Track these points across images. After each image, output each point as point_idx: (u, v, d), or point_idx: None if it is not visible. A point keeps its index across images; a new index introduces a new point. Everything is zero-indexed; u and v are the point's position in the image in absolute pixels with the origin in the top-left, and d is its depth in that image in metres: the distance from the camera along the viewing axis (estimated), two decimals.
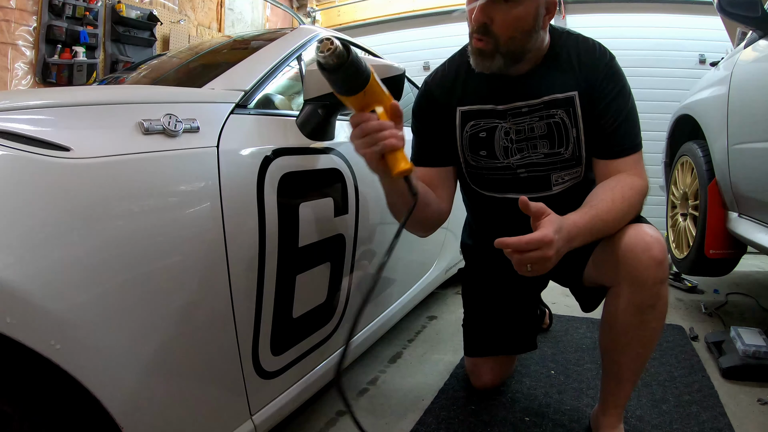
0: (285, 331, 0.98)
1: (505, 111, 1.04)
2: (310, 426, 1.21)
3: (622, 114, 1.00)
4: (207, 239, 0.77)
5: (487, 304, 1.31)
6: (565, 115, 1.02)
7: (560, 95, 1.01)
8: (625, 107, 1.01)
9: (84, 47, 2.63)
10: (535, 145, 1.05)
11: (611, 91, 1.00)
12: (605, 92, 1.00)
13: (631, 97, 1.03)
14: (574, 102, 1.01)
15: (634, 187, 0.97)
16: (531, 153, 1.06)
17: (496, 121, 1.05)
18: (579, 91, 1.01)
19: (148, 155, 0.70)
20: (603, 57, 1.02)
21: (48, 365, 0.55)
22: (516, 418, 1.21)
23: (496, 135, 1.06)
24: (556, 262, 0.83)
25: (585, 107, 1.01)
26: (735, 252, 1.92)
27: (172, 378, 0.72)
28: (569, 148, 1.04)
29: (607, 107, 1.00)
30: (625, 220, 0.95)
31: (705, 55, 3.56)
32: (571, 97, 1.01)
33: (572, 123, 1.02)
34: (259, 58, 1.11)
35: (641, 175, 1.00)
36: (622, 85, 1.02)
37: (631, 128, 1.01)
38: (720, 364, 1.45)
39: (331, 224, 1.09)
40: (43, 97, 0.68)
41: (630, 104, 1.02)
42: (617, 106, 1.00)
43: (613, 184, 0.97)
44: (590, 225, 0.89)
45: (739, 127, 1.66)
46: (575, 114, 1.01)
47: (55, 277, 0.56)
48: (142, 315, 0.67)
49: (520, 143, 1.05)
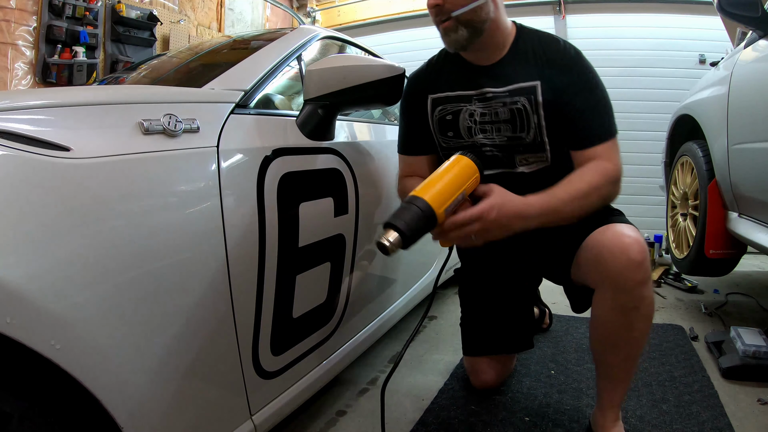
0: (285, 331, 0.98)
1: (471, 96, 1.12)
2: (310, 426, 1.21)
3: (590, 105, 1.04)
4: (207, 239, 0.77)
5: (483, 302, 1.32)
6: (527, 102, 1.07)
7: (524, 84, 1.07)
8: (592, 98, 1.04)
9: (84, 47, 2.63)
10: (498, 128, 1.11)
11: (577, 84, 1.04)
12: (571, 85, 1.04)
13: (599, 89, 1.06)
14: (536, 91, 1.06)
15: (601, 171, 1.00)
16: (495, 135, 1.12)
17: (461, 104, 1.13)
18: (541, 80, 1.06)
19: (148, 155, 0.70)
20: (567, 51, 1.07)
21: (48, 365, 0.56)
22: (516, 418, 1.21)
23: (460, 116, 1.14)
24: (506, 233, 0.91)
25: (546, 96, 1.06)
26: (735, 252, 1.92)
27: (172, 378, 0.72)
28: (530, 133, 1.09)
29: (574, 99, 1.04)
30: (593, 203, 0.97)
31: (705, 55, 3.56)
32: (534, 86, 1.06)
33: (533, 110, 1.07)
34: (259, 58, 1.11)
35: (613, 161, 1.02)
36: (589, 77, 1.06)
37: (600, 118, 1.04)
38: (720, 364, 1.45)
39: (331, 224, 1.09)
40: (43, 97, 0.68)
41: (598, 95, 1.05)
42: (584, 98, 1.04)
43: (582, 170, 1.02)
44: (546, 203, 0.93)
45: (739, 127, 1.66)
46: (536, 102, 1.06)
47: (55, 277, 0.56)
48: (142, 315, 0.67)
49: (483, 125, 1.12)
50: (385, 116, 1.82)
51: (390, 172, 1.40)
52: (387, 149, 1.42)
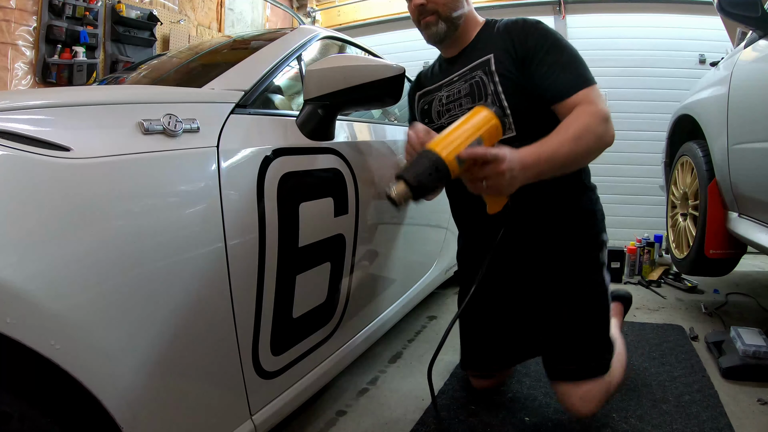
0: (285, 331, 0.98)
1: (441, 85, 1.22)
2: (310, 426, 1.21)
3: (560, 61, 1.06)
4: (207, 239, 0.77)
5: (481, 318, 1.30)
6: (482, 74, 1.13)
7: (479, 60, 1.14)
8: (561, 55, 1.07)
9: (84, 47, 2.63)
10: (460, 103, 1.17)
11: (541, 45, 1.08)
12: (534, 48, 1.08)
13: (565, 48, 1.08)
14: (489, 62, 1.12)
15: (588, 112, 1.01)
16: (457, 111, 1.17)
17: (434, 94, 1.24)
18: (495, 53, 1.12)
19: (148, 155, 0.70)
20: (525, 22, 1.13)
21: (48, 365, 0.56)
22: (516, 418, 1.21)
23: (433, 104, 1.24)
24: (511, 187, 0.90)
25: (501, 64, 1.11)
26: (735, 252, 1.92)
27: (172, 378, 0.72)
28: (488, 100, 1.12)
29: (543, 59, 1.07)
30: (588, 144, 0.97)
31: (705, 55, 3.56)
32: (487, 59, 1.13)
33: (489, 79, 1.12)
34: (259, 58, 1.11)
35: (595, 103, 1.02)
36: (551, 39, 1.09)
37: (575, 70, 1.06)
38: (720, 364, 1.45)
39: (331, 224, 1.09)
40: (43, 97, 0.68)
41: (566, 53, 1.08)
42: (553, 56, 1.07)
43: (567, 117, 1.02)
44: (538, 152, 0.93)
45: (739, 127, 1.66)
46: (490, 71, 1.11)
47: (55, 277, 0.56)
48: (142, 315, 0.67)
49: (448, 104, 1.20)
50: (385, 116, 1.82)
51: (390, 172, 1.40)
52: (387, 149, 1.42)
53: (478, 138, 0.87)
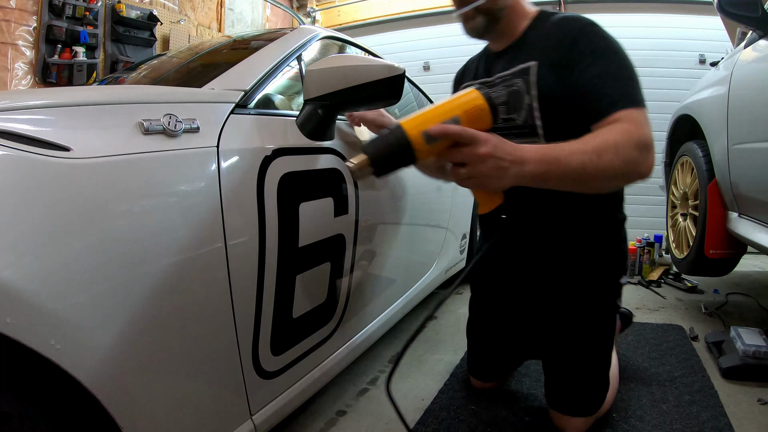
0: (285, 331, 0.98)
1: (483, 84, 1.12)
2: (310, 426, 1.21)
3: (607, 73, 0.92)
4: (207, 239, 0.77)
5: (491, 329, 1.28)
6: (521, 83, 1.02)
7: (522, 65, 1.03)
8: (609, 66, 0.93)
9: (84, 47, 2.63)
10: (500, 110, 1.06)
11: (586, 53, 0.94)
12: (579, 56, 0.95)
13: (617, 58, 0.94)
14: (529, 71, 1.01)
15: (621, 130, 0.86)
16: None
17: None
18: (539, 61, 1.00)
19: (148, 155, 0.70)
20: (575, 23, 0.98)
21: (48, 365, 0.56)
22: (516, 418, 1.21)
23: None
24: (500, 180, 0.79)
25: (542, 76, 0.99)
26: (735, 252, 1.92)
27: (171, 378, 0.72)
28: (522, 114, 1.03)
29: (585, 71, 0.94)
30: (610, 162, 0.82)
31: (705, 55, 3.56)
32: (528, 67, 1.01)
33: (526, 90, 1.01)
34: (259, 58, 1.11)
35: (638, 126, 0.87)
36: (601, 44, 0.95)
37: (622, 86, 0.92)
38: (720, 364, 1.45)
39: (331, 224, 1.09)
40: (43, 97, 0.68)
41: (617, 64, 0.93)
42: (598, 69, 0.93)
43: (601, 129, 0.89)
44: (545, 151, 0.82)
45: (739, 127, 1.66)
46: (529, 82, 1.01)
47: (55, 277, 0.56)
48: (143, 315, 0.67)
49: None
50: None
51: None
52: None
53: (454, 117, 0.77)
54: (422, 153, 0.76)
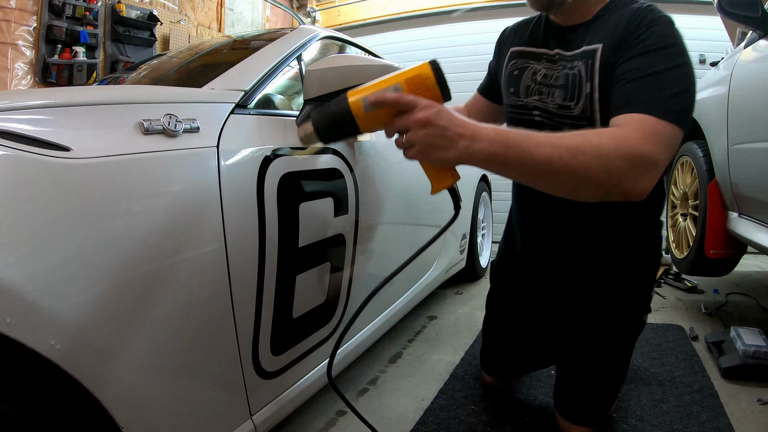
0: (285, 331, 0.98)
1: (541, 55, 1.03)
2: (310, 426, 1.21)
3: (647, 71, 0.81)
4: (207, 239, 0.77)
5: (511, 327, 1.26)
6: (583, 67, 0.92)
7: (587, 48, 0.93)
8: (653, 65, 0.81)
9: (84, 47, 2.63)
10: (552, 92, 0.98)
11: (640, 44, 0.84)
12: (644, 43, 0.84)
13: (664, 61, 0.81)
14: (595, 55, 0.90)
15: (613, 135, 0.75)
16: (548, 99, 1.00)
17: (531, 62, 1.05)
18: (604, 44, 0.90)
19: (148, 155, 0.70)
20: (650, 14, 0.88)
21: (48, 365, 0.56)
22: (516, 418, 1.21)
23: (524, 74, 1.05)
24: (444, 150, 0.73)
25: (605, 62, 0.89)
26: (735, 252, 1.92)
27: (172, 378, 0.72)
28: (579, 103, 0.93)
29: (627, 62, 0.84)
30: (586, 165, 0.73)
31: (705, 55, 3.55)
32: (594, 50, 0.91)
33: (587, 77, 0.91)
34: (259, 58, 1.11)
35: (641, 135, 0.75)
36: (659, 43, 0.83)
37: (654, 89, 0.79)
38: (720, 364, 1.45)
39: (331, 224, 1.09)
40: (43, 97, 0.68)
41: (659, 68, 0.80)
42: (640, 62, 0.82)
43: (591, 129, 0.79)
44: (506, 133, 0.74)
45: (739, 127, 1.66)
46: (592, 68, 0.90)
47: (55, 277, 0.56)
48: (142, 315, 0.67)
49: (541, 86, 1.01)
50: None
51: (390, 171, 1.40)
52: (387, 149, 1.42)
53: (396, 85, 0.75)
54: (363, 121, 0.76)
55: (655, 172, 0.75)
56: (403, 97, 0.73)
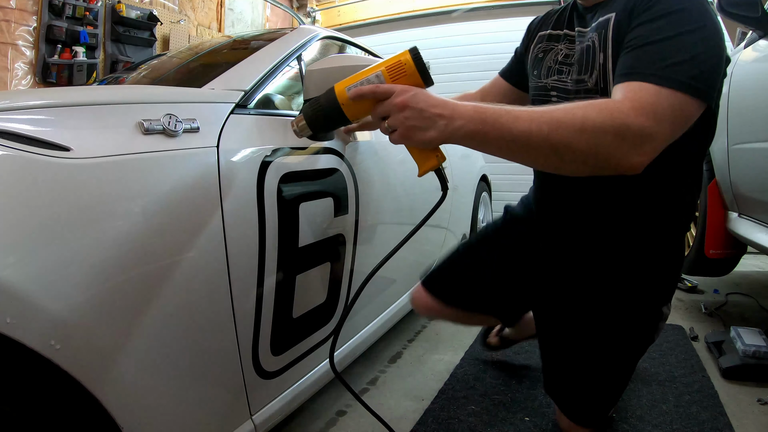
0: (285, 331, 0.98)
1: (564, 35, 1.00)
2: (310, 426, 1.21)
3: (653, 36, 0.75)
4: (207, 239, 0.77)
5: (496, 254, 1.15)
6: (597, 38, 0.87)
7: (602, 18, 0.88)
8: (661, 30, 0.74)
9: (84, 47, 2.63)
10: (570, 70, 0.95)
11: (662, 9, 0.76)
12: (653, 9, 0.78)
13: (677, 25, 0.74)
14: (608, 24, 0.85)
15: (602, 107, 0.70)
16: (566, 78, 0.96)
17: (554, 44, 1.02)
18: (617, 12, 0.85)
19: (148, 155, 0.70)
20: None
21: (48, 365, 0.56)
22: (516, 418, 1.21)
23: (547, 56, 1.02)
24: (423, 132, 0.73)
25: (618, 30, 0.84)
26: (735, 252, 1.93)
27: (172, 378, 0.72)
28: (593, 75, 0.89)
29: (636, 28, 0.78)
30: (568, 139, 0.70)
31: None
32: (608, 18, 0.86)
33: (601, 47, 0.86)
34: (259, 58, 1.11)
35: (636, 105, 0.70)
36: (669, 8, 0.76)
37: (657, 57, 0.73)
38: (720, 364, 1.46)
39: (331, 224, 1.09)
40: (43, 97, 0.68)
41: (672, 32, 0.74)
42: (648, 29, 0.76)
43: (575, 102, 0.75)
44: (488, 111, 0.73)
45: (739, 127, 1.66)
46: (605, 37, 0.86)
47: (55, 277, 0.56)
48: (142, 315, 0.67)
49: (561, 65, 0.98)
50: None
51: (390, 171, 1.40)
52: (387, 149, 1.42)
53: (378, 72, 0.77)
54: (349, 110, 0.79)
55: (650, 145, 0.70)
56: (378, 86, 0.76)
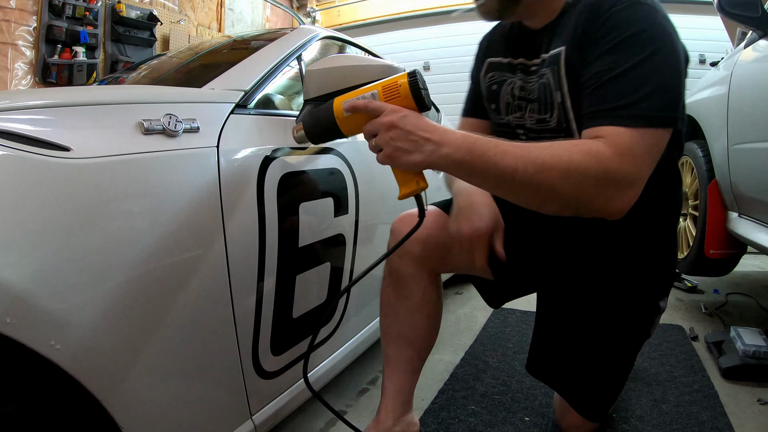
0: (285, 331, 0.98)
1: (516, 66, 0.94)
2: (310, 426, 1.21)
3: (616, 69, 0.72)
4: (207, 239, 0.77)
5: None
6: (551, 75, 0.84)
7: (553, 52, 0.84)
8: (623, 61, 0.72)
9: (84, 47, 2.63)
10: (532, 108, 0.91)
11: (613, 38, 0.73)
12: (603, 40, 0.75)
13: (639, 52, 0.71)
14: (559, 60, 0.82)
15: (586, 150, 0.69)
16: (527, 115, 0.92)
17: (507, 74, 0.96)
18: (567, 46, 0.81)
19: (148, 155, 0.70)
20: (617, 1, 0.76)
21: (48, 365, 0.56)
22: (516, 418, 1.21)
23: (502, 89, 0.96)
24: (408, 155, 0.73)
25: (570, 66, 0.80)
26: (735, 252, 1.92)
27: (171, 378, 0.72)
28: (553, 115, 0.86)
29: (594, 62, 0.75)
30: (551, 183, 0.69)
31: (705, 55, 3.56)
32: (558, 53, 0.82)
33: (556, 85, 0.83)
34: (259, 58, 1.11)
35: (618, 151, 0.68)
36: (626, 34, 0.73)
37: (626, 89, 0.71)
38: (720, 364, 1.45)
39: (331, 224, 1.09)
40: (43, 97, 0.68)
41: (634, 62, 0.71)
42: (607, 61, 0.73)
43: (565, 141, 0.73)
44: (474, 140, 0.72)
45: (739, 127, 1.66)
46: (559, 75, 0.82)
47: (55, 277, 0.56)
48: (142, 315, 0.67)
49: (520, 101, 0.93)
50: None
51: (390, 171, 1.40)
52: None
53: (374, 91, 0.78)
54: (343, 125, 0.80)
55: (635, 188, 0.70)
56: (371, 102, 0.76)
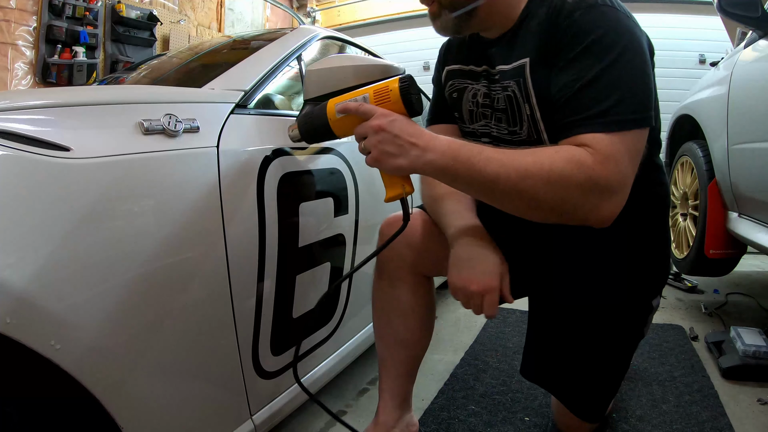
0: (285, 331, 0.98)
1: (478, 73, 0.92)
2: (310, 426, 1.21)
3: (587, 77, 0.71)
4: (207, 239, 0.77)
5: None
6: (516, 87, 0.82)
7: (516, 63, 0.82)
8: (594, 67, 0.71)
9: (84, 47, 2.63)
10: (499, 118, 0.89)
11: (577, 45, 0.72)
12: (567, 48, 0.74)
13: (611, 57, 0.70)
14: (524, 72, 0.80)
15: (569, 157, 0.68)
16: (493, 125, 0.91)
17: (468, 82, 0.94)
18: (531, 57, 0.79)
19: (148, 155, 0.70)
20: (578, 5, 0.74)
21: (48, 365, 0.56)
22: (516, 418, 1.21)
23: (464, 96, 0.95)
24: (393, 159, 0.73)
25: (536, 77, 0.79)
26: (735, 252, 1.92)
27: (171, 378, 0.72)
28: (524, 127, 0.85)
29: (565, 69, 0.74)
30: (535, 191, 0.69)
31: (705, 55, 3.56)
32: (522, 65, 0.80)
33: (523, 97, 0.82)
34: (259, 58, 1.11)
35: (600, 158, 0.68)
36: (595, 40, 0.71)
37: (602, 96, 0.70)
38: (720, 364, 1.45)
39: (331, 224, 1.09)
40: (43, 97, 0.68)
41: (606, 67, 0.70)
42: (581, 67, 0.72)
43: (549, 147, 0.73)
44: (459, 147, 0.72)
45: (739, 127, 1.66)
46: (525, 87, 0.81)
47: (55, 277, 0.56)
48: (142, 315, 0.67)
49: (484, 109, 0.92)
50: None
51: None
52: None
53: (365, 95, 0.79)
54: (335, 126, 0.82)
55: (621, 195, 0.70)
56: (362, 105, 0.77)
